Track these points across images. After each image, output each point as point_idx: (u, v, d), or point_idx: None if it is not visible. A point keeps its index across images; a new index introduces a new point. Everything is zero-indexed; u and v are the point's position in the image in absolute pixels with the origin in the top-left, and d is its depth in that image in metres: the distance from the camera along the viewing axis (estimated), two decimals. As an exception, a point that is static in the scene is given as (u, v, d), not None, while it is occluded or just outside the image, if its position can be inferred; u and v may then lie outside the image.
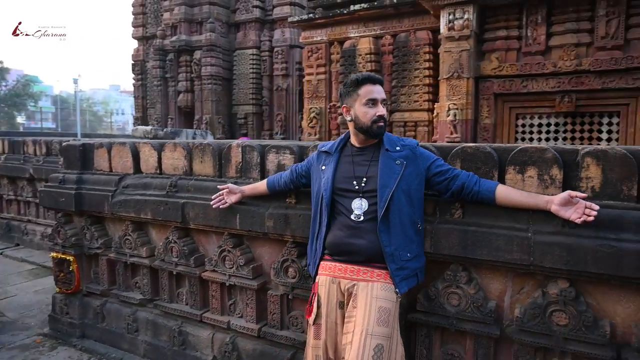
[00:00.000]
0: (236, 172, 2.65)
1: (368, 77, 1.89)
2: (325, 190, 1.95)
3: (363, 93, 1.87)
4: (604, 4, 4.47)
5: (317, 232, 2.01)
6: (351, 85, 1.91)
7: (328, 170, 1.98)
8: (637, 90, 4.50)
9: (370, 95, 1.86)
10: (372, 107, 1.86)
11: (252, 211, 2.47)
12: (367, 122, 1.87)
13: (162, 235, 3.02)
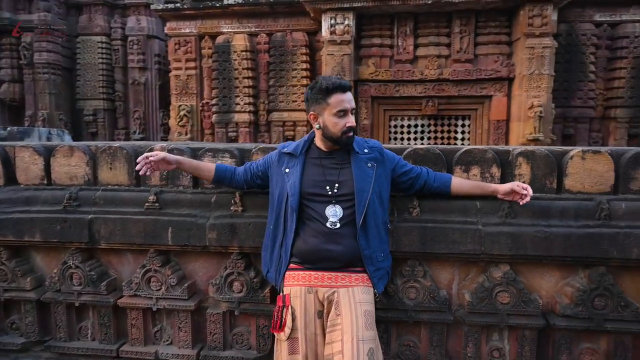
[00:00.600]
0: (161, 180, 2.31)
1: (339, 86, 1.80)
2: (292, 195, 1.85)
3: (334, 103, 1.79)
4: (458, 22, 5.23)
5: (282, 239, 1.89)
6: (320, 92, 1.82)
7: (293, 174, 1.88)
8: (484, 97, 5.39)
9: (341, 106, 1.79)
10: (342, 117, 1.80)
11: (188, 223, 2.19)
12: (337, 133, 1.81)
13: (52, 261, 2.45)
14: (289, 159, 1.92)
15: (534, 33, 4.95)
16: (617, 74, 5.73)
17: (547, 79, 5.04)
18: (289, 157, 1.92)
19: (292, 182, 1.86)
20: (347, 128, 1.80)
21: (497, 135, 5.40)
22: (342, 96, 1.79)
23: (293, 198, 1.84)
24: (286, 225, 1.87)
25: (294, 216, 1.85)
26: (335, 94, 1.79)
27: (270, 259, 1.95)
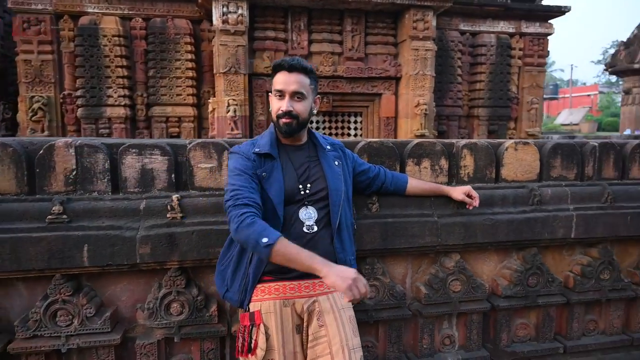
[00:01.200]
0: (67, 185, 1.81)
1: (281, 64, 1.61)
2: (278, 204, 1.60)
3: (275, 81, 1.63)
4: (350, 21, 5.35)
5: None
6: (272, 71, 1.66)
7: (275, 178, 1.62)
8: (375, 95, 5.62)
9: (278, 86, 1.61)
10: (279, 99, 1.61)
11: (112, 237, 1.76)
12: (274, 117, 1.63)
13: None
14: (263, 160, 1.64)
15: (418, 36, 5.34)
16: (478, 77, 6.54)
17: (429, 79, 5.49)
18: (262, 159, 1.65)
19: (275, 188, 1.61)
20: (281, 112, 1.60)
21: (387, 131, 5.70)
22: (284, 76, 1.60)
23: (279, 206, 1.60)
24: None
25: (279, 226, 1.61)
26: (279, 72, 1.61)
27: (233, 276, 1.66)
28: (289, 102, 1.59)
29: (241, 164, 1.62)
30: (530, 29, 6.69)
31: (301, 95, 1.62)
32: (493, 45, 6.48)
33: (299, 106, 1.61)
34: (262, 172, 1.62)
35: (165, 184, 1.89)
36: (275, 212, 1.59)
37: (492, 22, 6.55)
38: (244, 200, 1.53)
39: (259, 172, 1.61)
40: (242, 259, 1.65)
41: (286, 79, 1.59)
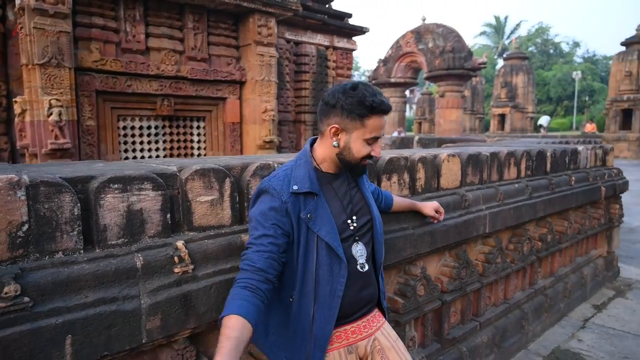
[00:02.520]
0: (13, 249, 1.15)
1: (385, 107, 1.40)
2: (337, 246, 1.40)
3: (370, 126, 1.40)
4: (191, 17, 4.86)
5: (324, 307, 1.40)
6: (359, 107, 1.37)
7: (323, 217, 1.40)
8: (219, 99, 5.28)
9: (377, 133, 1.43)
10: (371, 144, 1.44)
11: (106, 316, 1.22)
12: (357, 159, 1.44)
13: None
14: (303, 199, 1.39)
15: (262, 42, 5.28)
16: (303, 85, 6.93)
17: (274, 86, 5.50)
18: (303, 197, 1.39)
19: (327, 229, 1.39)
20: (369, 155, 1.45)
21: (233, 138, 5.44)
22: (381, 120, 1.41)
23: (339, 248, 1.41)
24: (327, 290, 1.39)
25: (344, 268, 1.41)
26: (375, 115, 1.39)
27: (293, 342, 1.38)
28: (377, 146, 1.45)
29: (266, 211, 1.34)
30: (340, 44, 7.49)
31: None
32: (314, 56, 6.98)
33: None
34: (305, 214, 1.38)
35: (160, 228, 1.41)
36: (335, 255, 1.40)
37: (312, 34, 7.03)
38: (242, 264, 1.31)
39: (302, 215, 1.37)
40: (300, 319, 1.38)
41: (382, 124, 1.43)
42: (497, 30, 52.53)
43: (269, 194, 1.34)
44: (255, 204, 1.37)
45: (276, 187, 1.35)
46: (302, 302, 1.38)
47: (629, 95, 20.37)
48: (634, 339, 3.47)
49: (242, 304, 1.21)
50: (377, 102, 1.38)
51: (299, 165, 1.43)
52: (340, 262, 1.39)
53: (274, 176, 1.40)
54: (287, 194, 1.35)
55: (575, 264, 4.09)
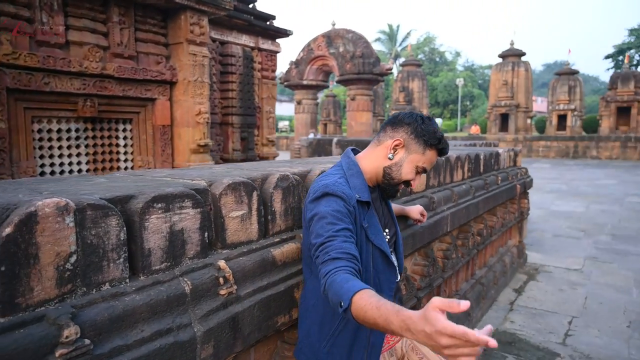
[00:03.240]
0: (61, 284, 0.99)
1: (446, 146, 1.53)
2: (390, 253, 1.48)
3: (428, 156, 1.51)
4: (117, 10, 4.43)
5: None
6: (430, 136, 1.47)
7: (375, 226, 1.45)
8: (148, 100, 4.90)
9: (428, 165, 1.53)
10: (418, 173, 1.54)
11: (166, 350, 1.11)
12: (398, 180, 1.52)
13: None
14: (360, 207, 1.41)
15: (195, 41, 5.00)
16: (230, 86, 6.72)
17: (207, 87, 5.24)
18: (359, 206, 1.41)
19: (380, 238, 1.44)
20: (406, 183, 1.54)
21: (164, 142, 5.05)
22: (436, 157, 1.54)
23: (392, 255, 1.50)
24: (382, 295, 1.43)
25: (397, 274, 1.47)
26: (436, 150, 1.51)
27: (348, 350, 1.39)
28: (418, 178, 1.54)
29: (341, 209, 1.34)
30: (265, 45, 7.42)
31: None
32: (241, 57, 6.81)
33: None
34: (365, 222, 1.41)
35: (198, 248, 1.31)
36: (388, 262, 1.45)
37: (237, 34, 6.86)
38: (332, 254, 1.26)
39: (364, 224, 1.40)
40: (359, 328, 1.40)
41: (435, 161, 1.54)
42: (391, 37, 56.06)
43: (340, 198, 1.34)
44: (322, 204, 1.34)
45: (346, 192, 1.35)
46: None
47: (506, 101, 23.18)
48: (552, 315, 4.00)
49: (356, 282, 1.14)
50: (444, 142, 1.51)
51: (352, 174, 1.45)
52: (392, 269, 1.44)
53: (335, 182, 1.38)
54: (354, 200, 1.36)
55: (499, 254, 4.58)
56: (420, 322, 0.96)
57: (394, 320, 1.03)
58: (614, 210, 8.99)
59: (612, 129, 21.63)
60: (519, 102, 22.83)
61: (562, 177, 14.13)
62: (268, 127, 7.65)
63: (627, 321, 3.87)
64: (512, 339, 3.54)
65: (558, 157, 21.41)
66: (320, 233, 1.30)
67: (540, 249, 6.20)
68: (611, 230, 7.36)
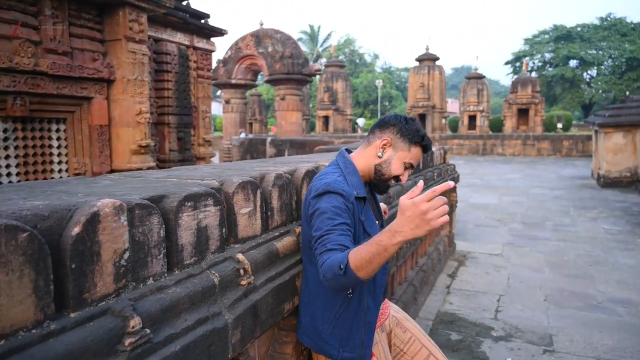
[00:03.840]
0: (117, 279, 1.05)
1: (427, 144, 1.68)
2: None
3: (414, 153, 1.65)
4: (49, 3, 4.14)
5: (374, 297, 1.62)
6: (414, 134, 1.64)
7: (371, 220, 1.64)
8: (83, 99, 4.63)
9: (414, 160, 1.68)
10: (405, 169, 1.68)
11: (207, 336, 1.21)
12: (388, 176, 1.67)
13: None
14: (357, 202, 1.57)
15: (134, 38, 4.79)
16: (166, 85, 6.52)
17: (147, 86, 5.05)
18: (357, 201, 1.57)
19: (375, 230, 1.62)
20: (398, 177, 1.68)
21: (102, 142, 4.78)
22: (421, 153, 1.69)
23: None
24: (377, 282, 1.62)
25: (386, 264, 1.64)
26: (420, 147, 1.67)
27: (343, 333, 1.55)
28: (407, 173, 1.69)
29: (340, 205, 1.49)
30: (200, 44, 7.29)
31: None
32: (176, 55, 6.64)
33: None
34: (363, 216, 1.59)
35: (218, 243, 1.41)
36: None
37: (172, 31, 6.67)
38: (328, 246, 1.41)
39: (362, 218, 1.58)
40: (358, 311, 1.57)
41: (420, 157, 1.70)
42: (312, 38, 56.88)
43: (340, 195, 1.48)
44: (323, 200, 1.47)
45: (346, 190, 1.50)
46: (360, 294, 1.56)
47: (423, 102, 24.73)
48: (483, 295, 4.50)
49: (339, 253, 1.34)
50: (427, 139, 1.67)
51: (349, 172, 1.60)
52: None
53: (335, 180, 1.53)
54: (352, 196, 1.51)
55: (435, 244, 5.02)
56: (400, 217, 1.22)
57: (382, 238, 1.25)
58: (521, 201, 10.10)
59: (514, 128, 24.03)
60: (434, 103, 24.48)
61: (475, 172, 15.47)
62: (204, 126, 7.53)
63: (543, 296, 4.48)
64: (452, 319, 3.94)
65: (470, 154, 23.31)
66: (320, 227, 1.45)
67: (465, 238, 6.83)
68: (521, 218, 8.30)
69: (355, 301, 1.56)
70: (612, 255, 5.87)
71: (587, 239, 6.73)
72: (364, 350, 1.57)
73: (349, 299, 1.56)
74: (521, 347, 3.44)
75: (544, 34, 45.02)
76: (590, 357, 3.27)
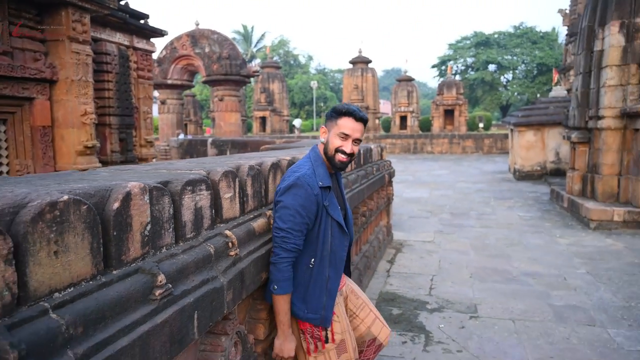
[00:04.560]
0: (143, 246, 1.31)
1: (352, 113, 1.92)
2: (344, 225, 1.98)
3: (341, 125, 1.92)
4: (-12, 2, 4.05)
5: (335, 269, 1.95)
6: (334, 111, 1.97)
7: (334, 204, 1.97)
8: (25, 99, 4.53)
9: (346, 130, 1.91)
10: (343, 139, 1.93)
11: (210, 294, 1.49)
12: (332, 151, 1.96)
13: None
14: (322, 191, 1.90)
15: (78, 39, 4.73)
16: (107, 86, 6.42)
17: (91, 87, 5.00)
18: (322, 190, 1.90)
19: (337, 214, 1.95)
20: (341, 150, 1.94)
21: (44, 144, 4.66)
22: (350, 121, 1.92)
23: (345, 227, 1.98)
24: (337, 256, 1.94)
25: (348, 240, 1.98)
26: (345, 117, 1.94)
27: (307, 297, 1.90)
28: (351, 145, 1.96)
29: (305, 203, 1.83)
30: (140, 44, 7.25)
31: (359, 142, 1.99)
32: (116, 55, 6.57)
33: (356, 149, 2.00)
34: (326, 202, 1.92)
35: (209, 221, 1.69)
36: (343, 231, 1.98)
37: (111, 31, 6.59)
38: (289, 246, 1.83)
39: (325, 203, 1.91)
40: (318, 279, 1.90)
41: (354, 127, 1.92)
42: (246, 38, 56.40)
43: (303, 189, 1.80)
44: (290, 194, 1.80)
45: (310, 183, 1.82)
46: (321, 265, 1.89)
47: (357, 103, 25.63)
48: (418, 276, 5.03)
49: (291, 283, 1.81)
50: (345, 108, 1.95)
51: (317, 164, 1.92)
52: (346, 236, 1.97)
53: (304, 174, 1.85)
54: (317, 188, 1.84)
55: (375, 233, 5.50)
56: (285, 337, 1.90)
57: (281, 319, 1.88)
58: (449, 194, 11.02)
59: (441, 128, 25.69)
60: (368, 105, 25.49)
61: (407, 169, 16.46)
62: (146, 127, 7.50)
63: (469, 274, 5.10)
64: (393, 297, 4.42)
65: (402, 153, 24.59)
66: (285, 220, 1.81)
67: (401, 228, 7.44)
68: (449, 209, 9.11)
69: (317, 271, 1.90)
70: (525, 238, 6.72)
71: (505, 225, 7.60)
72: (325, 312, 1.91)
73: (310, 269, 1.89)
74: (452, 315, 3.97)
75: (465, 40, 48.22)
76: (507, 319, 3.87)
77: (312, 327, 1.92)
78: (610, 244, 6.33)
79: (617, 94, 7.63)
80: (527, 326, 3.73)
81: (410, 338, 3.56)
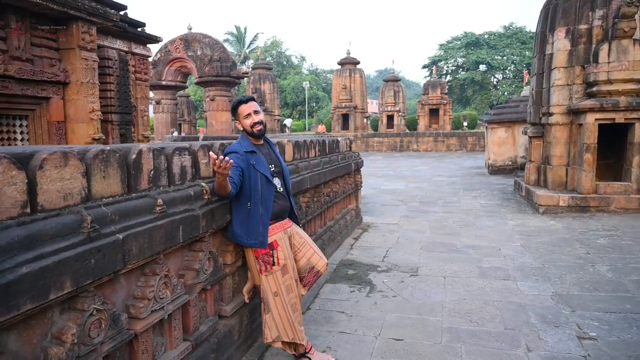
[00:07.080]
0: (148, 183, 2.20)
1: (240, 100, 2.87)
2: (270, 176, 2.85)
3: (241, 111, 2.84)
4: (14, 18, 4.88)
5: (265, 207, 2.82)
6: (233, 109, 2.90)
7: (260, 162, 2.83)
8: (43, 99, 5.39)
9: (245, 112, 2.82)
10: (247, 118, 2.84)
11: (192, 216, 2.38)
12: (249, 129, 2.86)
13: (34, 334, 1.60)
14: (249, 155, 2.79)
15: (86, 47, 5.57)
16: (108, 87, 7.28)
17: (97, 88, 5.85)
18: (249, 154, 2.79)
19: (264, 168, 2.82)
20: (253, 123, 2.85)
21: (59, 136, 5.51)
22: (244, 106, 2.85)
23: (271, 177, 2.85)
24: (267, 197, 2.82)
25: (274, 188, 2.86)
26: (240, 106, 2.86)
27: (249, 229, 2.77)
28: (256, 116, 2.86)
29: (234, 157, 2.72)
30: (138, 50, 8.11)
31: (258, 111, 2.89)
32: (117, 60, 7.42)
33: (261, 116, 2.89)
34: (252, 161, 2.81)
35: (191, 176, 2.58)
36: (269, 181, 2.86)
37: (112, 39, 7.44)
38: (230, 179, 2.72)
39: (252, 162, 2.80)
40: (254, 215, 2.78)
41: (249, 106, 2.84)
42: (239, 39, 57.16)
43: (236, 153, 2.71)
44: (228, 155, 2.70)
45: (238, 149, 2.73)
46: (255, 207, 2.77)
47: (346, 103, 26.59)
48: (377, 249, 5.93)
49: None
50: (236, 101, 2.89)
51: (243, 140, 2.83)
52: (270, 184, 2.85)
53: (235, 145, 2.76)
54: (243, 152, 2.74)
55: (342, 213, 6.40)
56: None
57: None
58: (423, 186, 11.94)
59: (426, 126, 26.67)
60: (356, 104, 26.44)
61: (390, 165, 17.39)
62: (143, 124, 8.36)
63: (420, 247, 6.01)
64: (351, 262, 5.32)
65: (389, 151, 25.54)
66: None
67: (372, 214, 8.34)
68: (420, 199, 10.03)
69: (254, 209, 2.77)
70: (478, 220, 7.64)
71: (465, 211, 8.52)
72: (262, 238, 2.78)
73: (248, 210, 2.77)
74: (396, 275, 4.87)
75: (456, 40, 49.25)
76: (439, 276, 4.78)
77: (263, 254, 2.80)
78: (551, 225, 7.26)
79: (564, 93, 8.58)
80: (454, 281, 4.64)
81: (357, 289, 4.46)
